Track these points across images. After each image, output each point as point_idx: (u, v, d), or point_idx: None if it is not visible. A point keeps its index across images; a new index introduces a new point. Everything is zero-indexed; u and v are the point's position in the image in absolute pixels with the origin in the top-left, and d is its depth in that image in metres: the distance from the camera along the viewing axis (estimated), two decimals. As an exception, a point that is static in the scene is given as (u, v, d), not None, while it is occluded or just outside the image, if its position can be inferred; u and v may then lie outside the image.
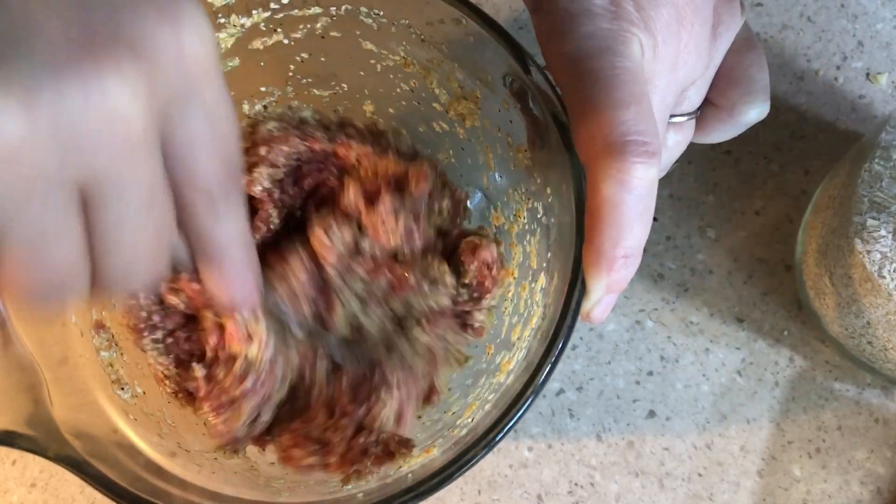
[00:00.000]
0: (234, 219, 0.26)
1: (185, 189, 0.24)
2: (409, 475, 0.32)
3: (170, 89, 0.22)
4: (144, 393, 0.37)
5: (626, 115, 0.29)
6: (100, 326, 0.37)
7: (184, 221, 0.25)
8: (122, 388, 0.36)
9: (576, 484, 0.43)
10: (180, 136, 0.23)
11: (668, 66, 0.32)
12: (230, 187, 0.25)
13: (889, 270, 0.35)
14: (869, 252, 0.35)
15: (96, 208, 0.22)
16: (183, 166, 0.23)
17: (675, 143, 0.36)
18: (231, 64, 0.38)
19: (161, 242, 0.24)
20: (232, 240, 0.26)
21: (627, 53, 0.30)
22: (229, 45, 0.38)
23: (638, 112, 0.29)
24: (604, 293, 0.30)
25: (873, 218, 0.36)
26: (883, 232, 0.35)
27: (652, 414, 0.44)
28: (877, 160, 0.36)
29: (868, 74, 0.47)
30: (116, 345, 0.37)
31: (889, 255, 0.35)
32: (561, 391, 0.45)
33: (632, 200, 0.29)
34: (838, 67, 0.47)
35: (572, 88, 0.30)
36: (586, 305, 0.31)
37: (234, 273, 0.27)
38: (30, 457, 0.44)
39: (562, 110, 0.32)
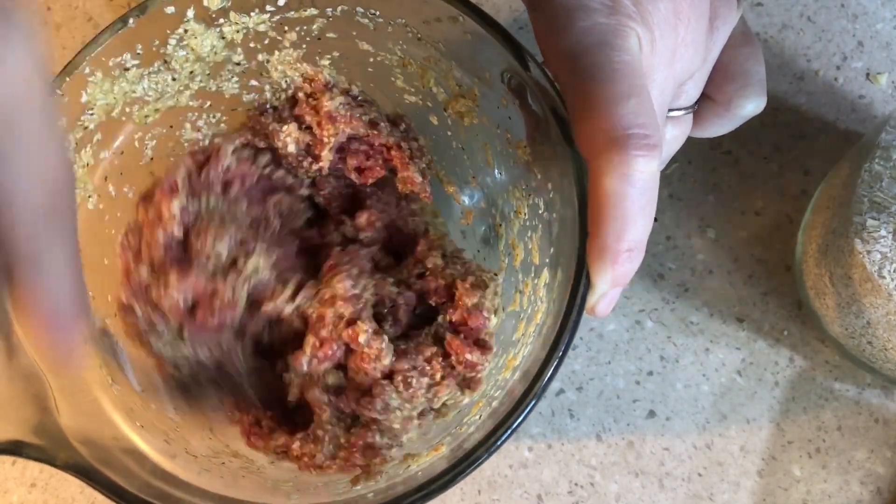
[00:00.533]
0: (56, 269, 0.22)
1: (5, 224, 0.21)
2: (419, 473, 0.32)
3: None
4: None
5: (626, 109, 0.29)
6: (104, 335, 0.37)
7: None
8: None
9: (576, 484, 0.43)
10: None
11: (666, 60, 0.32)
12: (56, 221, 0.22)
13: (889, 270, 0.35)
14: (869, 252, 0.35)
15: None
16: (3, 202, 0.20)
17: (673, 137, 0.36)
18: (237, 58, 0.38)
19: None
20: (54, 295, 0.22)
21: (625, 47, 0.30)
22: (223, 46, 0.38)
23: (637, 105, 0.29)
24: (609, 287, 0.30)
25: (873, 218, 0.36)
26: (883, 232, 0.35)
27: (652, 414, 0.44)
28: (877, 160, 0.36)
29: (868, 74, 0.47)
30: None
31: (889, 255, 0.35)
32: (561, 391, 0.45)
33: (634, 194, 0.29)
34: (838, 67, 0.47)
35: (571, 84, 0.30)
36: (591, 299, 0.31)
37: (51, 337, 0.23)
38: (30, 459, 0.44)
39: (561, 105, 0.32)
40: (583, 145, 0.30)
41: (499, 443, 0.30)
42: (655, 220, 0.45)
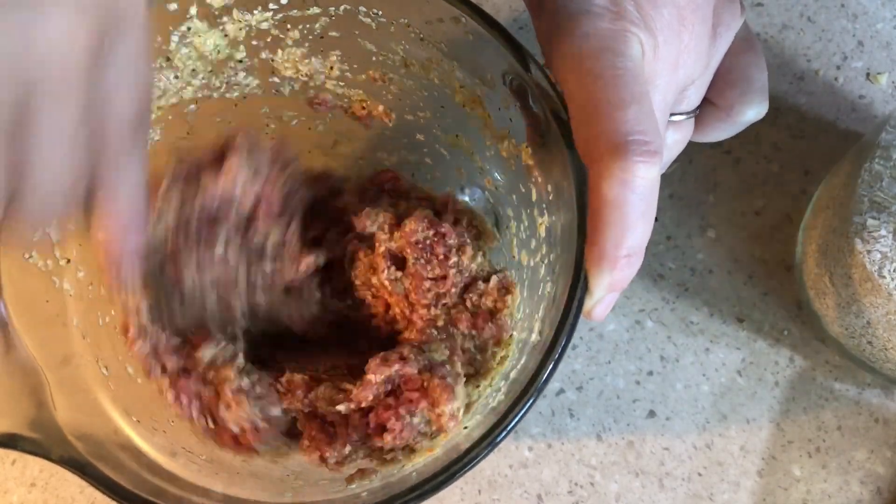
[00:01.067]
0: (132, 170, 0.25)
1: (100, 127, 0.24)
2: (414, 474, 0.32)
3: (101, 23, 0.22)
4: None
5: (628, 115, 0.29)
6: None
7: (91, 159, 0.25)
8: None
9: (576, 484, 0.43)
10: (103, 75, 0.23)
11: (669, 66, 0.32)
12: (139, 133, 0.25)
13: (889, 270, 0.35)
14: (869, 252, 0.35)
15: (28, 124, 0.22)
16: (102, 105, 0.24)
17: (674, 141, 0.36)
18: (239, 55, 0.38)
19: (77, 175, 0.24)
20: (128, 190, 0.26)
21: (628, 53, 0.30)
22: (226, 44, 0.38)
23: (639, 111, 0.29)
24: (606, 292, 0.30)
25: (873, 218, 0.36)
26: (883, 232, 0.35)
27: (652, 414, 0.44)
28: (877, 160, 0.36)
29: (868, 74, 0.47)
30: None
31: (889, 254, 0.35)
32: (561, 391, 0.45)
33: (634, 200, 0.29)
34: (838, 67, 0.47)
35: (573, 89, 0.30)
36: (588, 304, 0.31)
37: (119, 224, 0.26)
38: (30, 456, 0.44)
39: (562, 107, 0.32)
40: (583, 150, 0.30)
41: (494, 444, 0.30)
42: (656, 219, 0.45)
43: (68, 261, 0.36)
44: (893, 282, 0.35)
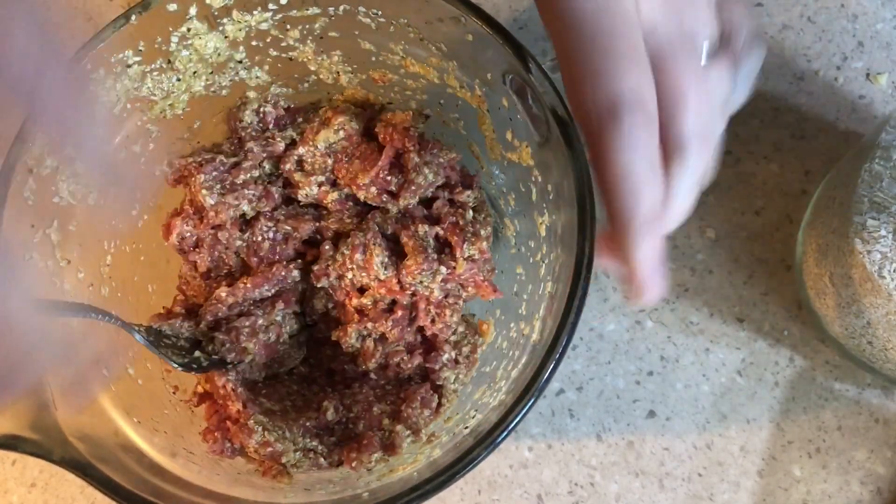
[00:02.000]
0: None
1: None
2: (415, 474, 0.32)
3: None
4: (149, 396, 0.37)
5: (620, 69, 0.27)
6: None
7: None
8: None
9: (576, 484, 0.43)
10: None
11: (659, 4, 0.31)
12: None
13: (889, 270, 0.35)
14: (869, 252, 0.35)
15: None
16: None
17: (719, 78, 0.33)
18: (239, 56, 0.38)
19: None
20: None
21: (621, 12, 0.29)
22: (226, 46, 0.38)
23: (632, 65, 0.28)
24: (647, 265, 0.29)
25: (873, 218, 0.36)
26: (883, 232, 0.35)
27: (652, 414, 0.44)
28: (877, 160, 0.36)
29: (868, 74, 0.47)
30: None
31: (889, 255, 0.35)
32: (561, 391, 0.45)
33: (636, 159, 0.27)
34: (838, 67, 0.47)
35: (568, 49, 0.29)
36: (634, 287, 0.30)
37: None
38: (30, 457, 0.44)
39: (561, 105, 0.32)
40: (577, 111, 0.29)
41: (495, 444, 0.30)
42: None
43: (69, 262, 0.36)
44: (893, 282, 0.35)
